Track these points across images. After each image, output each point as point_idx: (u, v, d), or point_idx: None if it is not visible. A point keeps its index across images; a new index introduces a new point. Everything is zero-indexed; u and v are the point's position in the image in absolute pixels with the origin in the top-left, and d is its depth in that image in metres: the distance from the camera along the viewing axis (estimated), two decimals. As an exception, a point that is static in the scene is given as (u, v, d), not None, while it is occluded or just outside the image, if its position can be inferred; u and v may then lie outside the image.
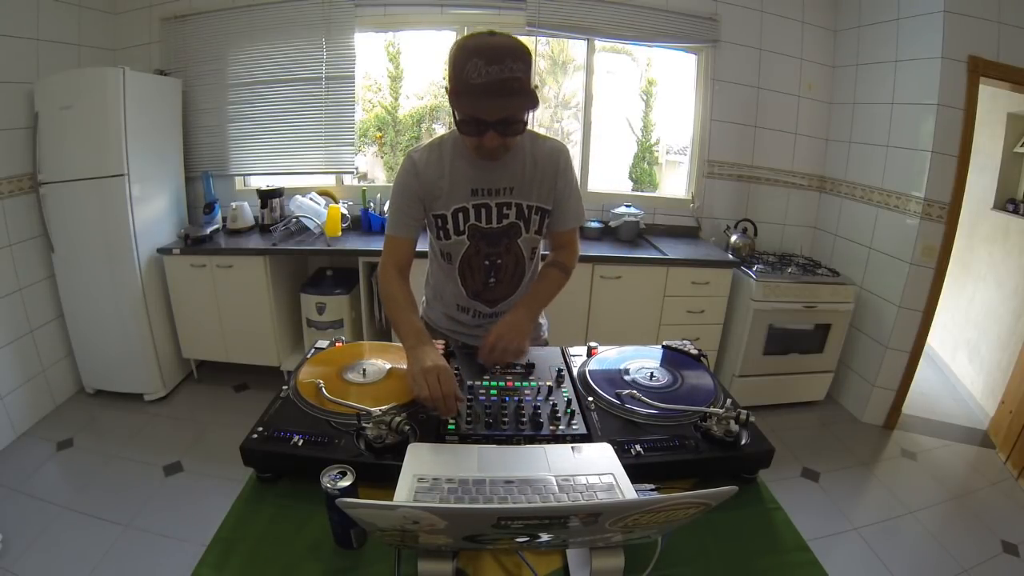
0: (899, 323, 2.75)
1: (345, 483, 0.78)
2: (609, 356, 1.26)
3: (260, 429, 0.94)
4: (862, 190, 2.98)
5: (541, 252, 1.42)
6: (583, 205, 1.36)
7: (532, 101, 1.08)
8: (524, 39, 1.11)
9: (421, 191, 1.25)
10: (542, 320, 1.52)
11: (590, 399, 1.07)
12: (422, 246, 1.34)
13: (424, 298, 1.53)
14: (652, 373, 1.18)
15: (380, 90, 3.65)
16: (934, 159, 2.54)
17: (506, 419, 0.97)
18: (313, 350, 1.27)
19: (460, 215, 1.26)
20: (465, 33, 3.03)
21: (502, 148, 1.15)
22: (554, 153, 1.28)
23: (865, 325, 2.95)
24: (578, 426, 0.97)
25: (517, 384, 1.10)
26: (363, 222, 3.08)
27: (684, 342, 1.35)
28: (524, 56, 1.05)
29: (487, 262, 1.32)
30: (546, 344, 1.50)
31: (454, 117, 1.13)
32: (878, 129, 2.84)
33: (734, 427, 0.97)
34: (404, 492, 0.74)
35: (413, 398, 1.02)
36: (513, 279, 1.36)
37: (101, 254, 2.59)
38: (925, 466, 2.62)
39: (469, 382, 1.10)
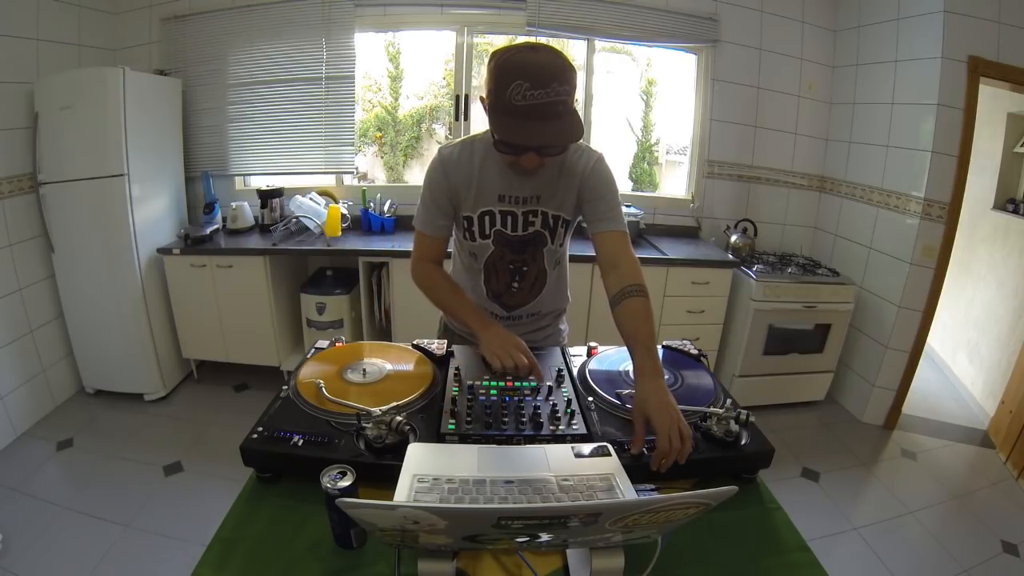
0: (899, 323, 2.75)
1: (345, 483, 0.78)
2: (609, 356, 1.26)
3: (260, 429, 0.94)
4: (862, 190, 2.98)
5: (568, 261, 1.41)
6: (621, 213, 1.23)
7: (577, 127, 1.03)
8: (524, 40, 1.08)
9: (450, 190, 1.24)
10: (562, 326, 1.51)
11: (590, 399, 1.07)
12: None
13: None
14: (652, 373, 1.17)
15: (380, 90, 3.66)
16: (934, 159, 2.54)
17: (506, 419, 0.97)
18: (313, 350, 1.27)
19: (487, 218, 1.25)
20: (465, 34, 3.05)
21: (540, 166, 1.11)
22: (582, 160, 1.22)
23: (865, 325, 2.95)
24: (578, 426, 0.97)
25: (517, 384, 1.10)
26: (363, 222, 3.08)
27: (684, 342, 1.35)
28: (570, 77, 1.00)
29: (511, 267, 1.31)
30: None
31: (492, 135, 1.09)
32: (878, 129, 2.84)
33: (734, 427, 0.97)
34: (404, 492, 0.74)
35: (423, 387, 1.07)
36: (534, 288, 1.35)
37: (101, 254, 2.59)
38: (925, 466, 2.62)
39: (469, 382, 1.10)
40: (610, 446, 0.89)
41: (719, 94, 3.13)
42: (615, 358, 1.24)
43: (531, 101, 0.97)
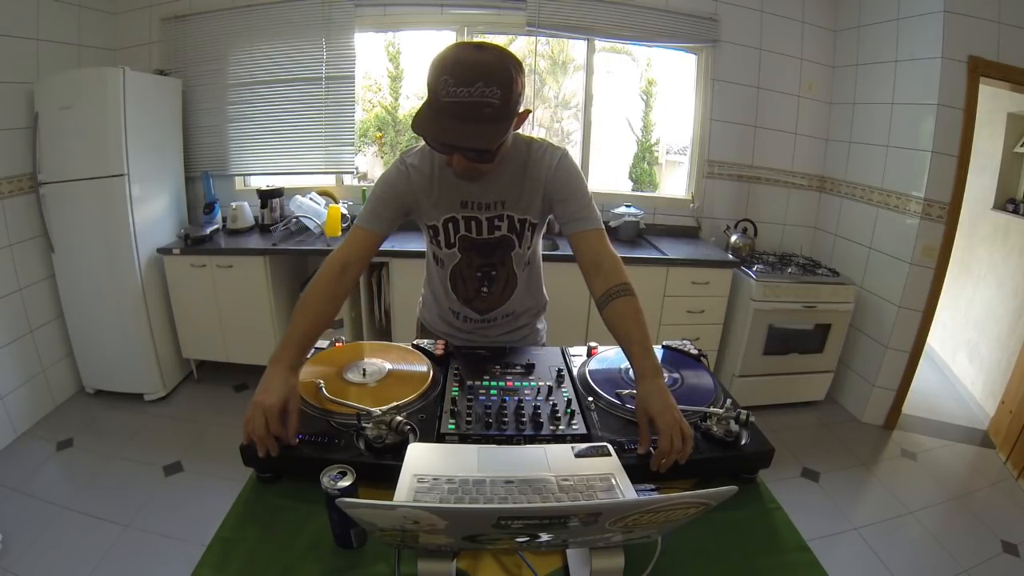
0: (899, 323, 2.75)
1: (345, 483, 0.78)
2: (609, 356, 1.26)
3: (260, 429, 0.93)
4: (862, 190, 2.98)
5: (540, 259, 1.40)
6: (595, 209, 1.19)
7: (493, 134, 0.98)
8: (524, 39, 1.05)
9: (410, 197, 1.20)
10: (540, 325, 1.50)
11: (590, 399, 1.07)
12: (416, 246, 1.32)
13: (421, 298, 1.52)
14: (652, 373, 1.17)
15: (380, 90, 3.66)
16: (934, 159, 2.54)
17: (506, 419, 0.97)
18: (313, 350, 1.26)
19: (450, 225, 1.22)
20: (465, 33, 3.05)
21: (472, 171, 1.07)
22: (545, 159, 1.18)
23: (865, 325, 2.95)
24: (578, 426, 0.97)
25: (517, 384, 1.10)
26: (363, 222, 3.07)
27: (684, 342, 1.35)
28: (503, 80, 0.94)
29: (480, 273, 1.28)
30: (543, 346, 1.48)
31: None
32: (878, 129, 2.84)
33: (734, 427, 0.97)
34: (404, 492, 0.74)
35: (419, 390, 1.03)
36: (505, 291, 1.33)
37: (101, 254, 2.59)
38: (925, 466, 2.62)
39: (469, 382, 1.10)
40: (610, 446, 0.89)
41: (719, 94, 3.12)
42: (615, 358, 1.24)
43: (453, 98, 0.93)
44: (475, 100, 0.93)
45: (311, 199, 3.01)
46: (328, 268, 1.11)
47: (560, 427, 0.96)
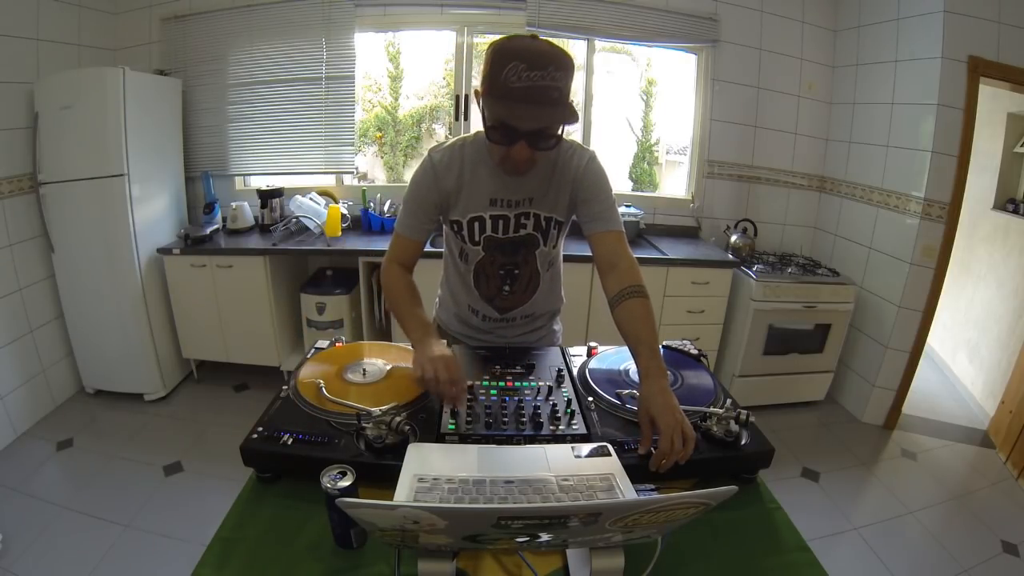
0: (899, 323, 2.75)
1: (345, 483, 0.78)
2: (609, 356, 1.26)
3: (260, 429, 0.94)
4: (862, 190, 2.98)
5: (561, 261, 1.40)
6: (617, 212, 1.22)
7: (570, 115, 1.03)
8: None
9: (439, 196, 1.22)
10: (556, 327, 1.50)
11: (590, 399, 1.07)
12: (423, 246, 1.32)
13: (438, 299, 1.52)
14: (652, 373, 1.17)
15: (380, 90, 3.65)
16: (934, 159, 2.54)
17: (506, 419, 0.97)
18: (313, 350, 1.27)
19: (476, 224, 1.23)
20: (465, 34, 3.05)
21: (529, 162, 1.09)
22: (574, 159, 1.21)
23: (865, 325, 2.95)
24: (578, 426, 0.97)
25: (517, 384, 1.10)
26: (363, 222, 3.08)
27: (684, 342, 1.35)
28: (567, 66, 1.00)
29: (502, 271, 1.29)
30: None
31: (484, 122, 1.08)
32: (878, 129, 2.84)
33: (734, 427, 0.97)
34: (404, 492, 0.74)
35: (420, 389, 1.03)
36: (527, 290, 1.33)
37: (101, 254, 2.59)
38: (925, 466, 2.62)
39: (469, 382, 1.10)
40: (610, 446, 0.89)
41: (719, 94, 3.12)
42: (615, 358, 1.24)
43: (526, 83, 0.97)
44: (547, 84, 0.98)
45: (311, 199, 3.00)
46: (392, 269, 1.24)
47: (560, 427, 0.96)
